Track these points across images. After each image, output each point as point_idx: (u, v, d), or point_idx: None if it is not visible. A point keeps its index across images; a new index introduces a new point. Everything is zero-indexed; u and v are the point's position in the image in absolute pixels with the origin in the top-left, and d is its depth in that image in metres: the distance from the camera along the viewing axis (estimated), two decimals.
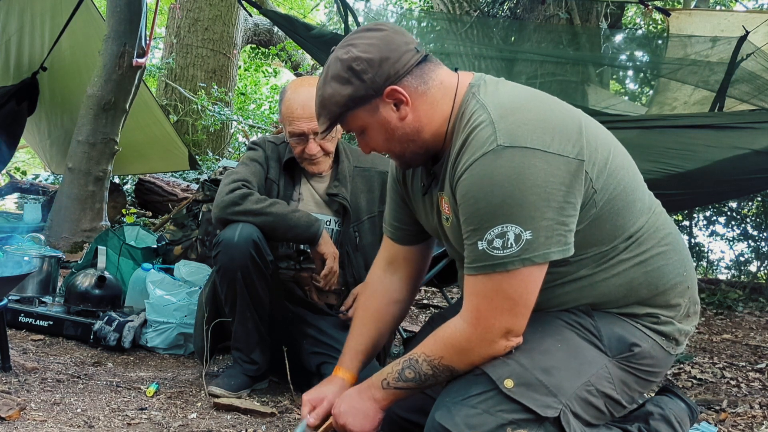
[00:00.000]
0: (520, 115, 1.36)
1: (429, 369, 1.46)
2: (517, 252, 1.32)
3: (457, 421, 1.36)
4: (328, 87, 1.46)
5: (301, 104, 2.14)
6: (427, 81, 1.46)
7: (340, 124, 1.51)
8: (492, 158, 1.33)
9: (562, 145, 1.34)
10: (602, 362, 1.45)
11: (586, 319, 1.47)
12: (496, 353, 1.40)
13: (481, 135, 1.36)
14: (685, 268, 1.54)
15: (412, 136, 1.48)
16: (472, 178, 1.35)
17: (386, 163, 2.42)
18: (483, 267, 1.36)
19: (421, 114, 1.46)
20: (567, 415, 1.38)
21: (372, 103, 1.45)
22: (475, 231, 1.35)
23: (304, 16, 12.80)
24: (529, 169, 1.31)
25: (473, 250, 1.37)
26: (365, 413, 1.53)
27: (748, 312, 4.50)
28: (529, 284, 1.37)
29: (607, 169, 1.42)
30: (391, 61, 1.43)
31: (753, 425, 2.09)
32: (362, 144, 1.56)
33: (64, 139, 5.65)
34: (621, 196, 1.44)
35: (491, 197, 1.32)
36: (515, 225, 1.31)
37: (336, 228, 2.30)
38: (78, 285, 2.78)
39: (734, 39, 3.77)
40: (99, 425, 1.76)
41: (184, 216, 3.50)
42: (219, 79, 8.97)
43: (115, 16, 4.61)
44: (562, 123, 1.37)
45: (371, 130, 1.49)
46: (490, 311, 1.38)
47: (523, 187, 1.31)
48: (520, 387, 1.37)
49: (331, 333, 2.21)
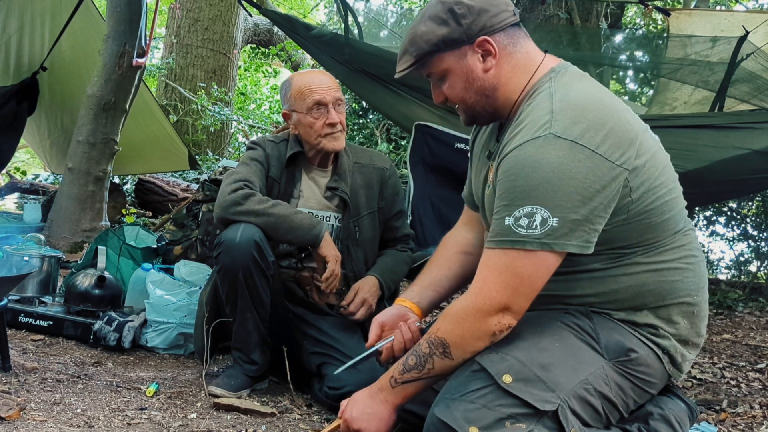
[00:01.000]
0: (580, 113, 1.39)
1: (426, 347, 1.47)
2: (540, 235, 1.35)
3: (456, 415, 1.37)
4: (422, 25, 1.50)
5: (314, 79, 2.25)
6: (516, 44, 1.52)
7: (422, 65, 1.53)
8: (542, 143, 1.37)
9: (611, 151, 1.37)
10: (599, 363, 1.46)
11: (585, 322, 1.48)
12: (487, 328, 1.41)
13: (537, 120, 1.40)
14: (697, 293, 1.54)
15: (489, 91, 1.52)
16: (517, 157, 1.39)
17: (384, 160, 2.43)
18: (503, 241, 1.39)
19: (502, 73, 1.51)
20: (565, 410, 1.38)
21: (462, 48, 1.49)
22: (506, 206, 1.39)
23: (304, 16, 12.80)
24: (573, 163, 1.35)
25: (499, 224, 1.40)
26: (379, 416, 1.54)
27: (748, 312, 4.50)
28: (540, 268, 1.39)
29: (651, 184, 1.44)
30: (490, 14, 1.48)
31: (753, 425, 2.09)
32: (436, 92, 1.59)
33: (64, 139, 5.65)
34: (655, 212, 1.46)
35: (530, 178, 1.36)
36: (545, 209, 1.35)
37: (336, 223, 2.30)
38: (78, 285, 2.78)
39: (734, 39, 3.77)
40: (99, 425, 1.76)
41: (184, 216, 3.50)
42: (219, 79, 8.97)
43: (115, 16, 4.61)
44: (618, 130, 1.40)
45: (453, 76, 1.53)
46: (495, 284, 1.40)
47: (563, 177, 1.34)
48: (519, 382, 1.38)
49: (332, 333, 2.21)
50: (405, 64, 1.56)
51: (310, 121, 2.22)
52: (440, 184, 3.94)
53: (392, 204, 2.40)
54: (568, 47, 5.04)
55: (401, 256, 2.43)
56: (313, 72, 2.35)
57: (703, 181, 3.45)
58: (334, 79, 2.30)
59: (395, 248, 2.44)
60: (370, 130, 6.94)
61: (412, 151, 4.05)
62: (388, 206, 2.39)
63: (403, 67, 1.57)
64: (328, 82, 2.25)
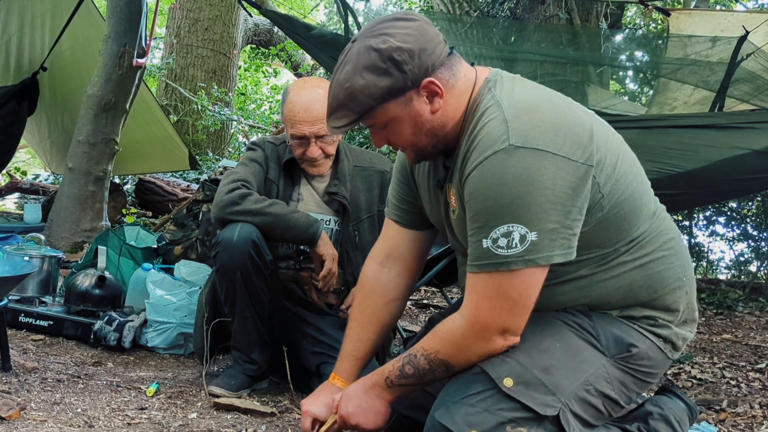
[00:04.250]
0: (534, 116, 1.35)
1: (426, 363, 1.46)
2: (521, 252, 1.32)
3: (457, 419, 1.37)
4: (360, 78, 1.38)
5: (304, 107, 2.14)
6: (455, 74, 1.45)
7: (365, 118, 1.44)
8: (503, 157, 1.32)
9: (573, 150, 1.34)
10: (600, 362, 1.45)
11: (584, 320, 1.48)
12: (493, 351, 1.41)
13: (493, 132, 1.35)
14: (685, 274, 1.54)
15: (438, 130, 1.45)
16: (481, 176, 1.34)
17: (385, 163, 2.42)
18: (485, 265, 1.36)
19: (449, 108, 1.44)
20: (566, 413, 1.38)
21: (407, 95, 1.40)
22: (481, 228, 1.35)
23: (304, 16, 12.79)
24: (539, 171, 1.31)
25: (477, 247, 1.37)
26: (376, 410, 1.54)
27: (748, 312, 4.50)
28: (529, 285, 1.37)
29: (615, 174, 1.42)
30: (428, 52, 1.39)
31: (753, 425, 2.09)
32: (378, 137, 1.50)
33: (64, 139, 5.65)
34: (628, 200, 1.44)
35: (500, 196, 1.32)
36: (521, 225, 1.31)
37: (336, 228, 2.30)
38: (78, 285, 2.78)
39: (734, 39, 3.76)
40: (99, 425, 1.76)
41: (184, 216, 3.50)
42: (219, 79, 8.97)
43: (115, 16, 4.61)
44: (575, 128, 1.37)
45: (398, 124, 1.44)
46: (488, 309, 1.38)
47: (532, 189, 1.30)
48: (520, 386, 1.37)
49: (331, 333, 2.21)
50: (343, 120, 1.44)
51: (294, 146, 2.22)
52: None
53: None
54: (568, 47, 5.04)
55: None
56: (307, 94, 2.16)
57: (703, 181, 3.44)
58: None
59: None
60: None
61: None
62: None
63: (341, 123, 1.44)
64: (314, 115, 2.12)
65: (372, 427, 1.55)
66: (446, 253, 2.46)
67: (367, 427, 1.55)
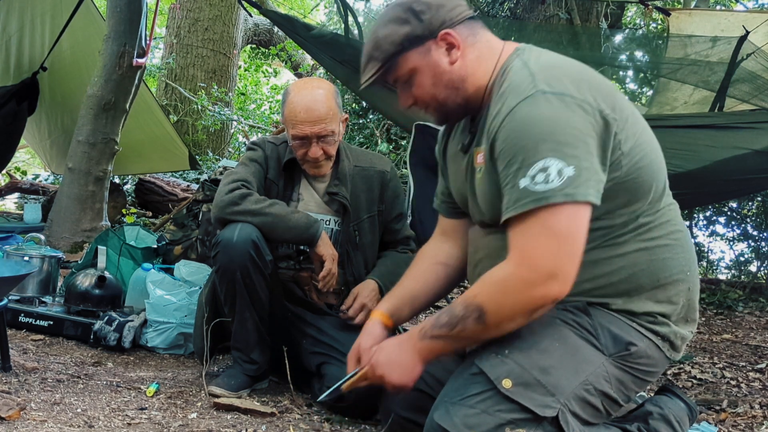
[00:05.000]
0: (560, 71, 1.43)
1: (461, 309, 1.41)
2: (560, 186, 1.33)
3: (456, 421, 1.36)
4: (384, 29, 1.53)
5: (305, 107, 2.13)
6: (476, 35, 1.55)
7: (388, 69, 1.55)
8: (532, 102, 1.38)
9: (597, 101, 1.39)
10: (599, 361, 1.45)
11: (584, 318, 1.48)
12: (531, 301, 1.35)
13: (521, 83, 1.42)
14: (689, 269, 1.54)
15: (458, 83, 1.54)
16: (513, 121, 1.39)
17: (385, 163, 2.42)
18: (526, 203, 1.34)
19: (468, 63, 1.53)
20: (565, 414, 1.38)
21: (425, 45, 1.51)
22: (518, 170, 1.36)
23: (304, 16, 12.79)
24: (569, 113, 1.36)
25: (514, 190, 1.36)
26: (404, 365, 1.50)
27: (748, 312, 4.50)
28: (574, 222, 1.35)
29: (636, 139, 1.45)
30: (447, 8, 1.52)
31: (753, 425, 2.09)
32: (405, 95, 1.59)
33: (64, 139, 5.65)
34: (644, 170, 1.46)
35: (534, 134, 1.35)
36: (557, 159, 1.33)
37: (336, 228, 2.30)
38: (78, 285, 2.78)
39: (734, 39, 3.77)
40: (99, 425, 1.76)
41: (184, 216, 3.50)
42: (219, 79, 8.97)
43: (115, 16, 4.61)
44: (599, 84, 1.44)
45: (420, 74, 1.54)
46: (535, 249, 1.35)
47: (565, 126, 1.35)
48: (519, 387, 1.37)
49: (331, 333, 2.21)
50: (371, 71, 1.56)
51: (295, 147, 2.21)
52: None
53: (392, 207, 2.39)
54: (568, 47, 5.04)
55: (401, 257, 2.42)
56: (308, 95, 2.16)
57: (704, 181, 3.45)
58: (329, 105, 2.15)
59: (396, 250, 2.44)
60: (370, 130, 6.94)
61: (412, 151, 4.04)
62: (388, 209, 2.38)
63: (369, 74, 1.57)
64: (316, 115, 2.12)
65: (396, 382, 1.50)
66: None
67: (390, 380, 1.50)
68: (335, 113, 2.17)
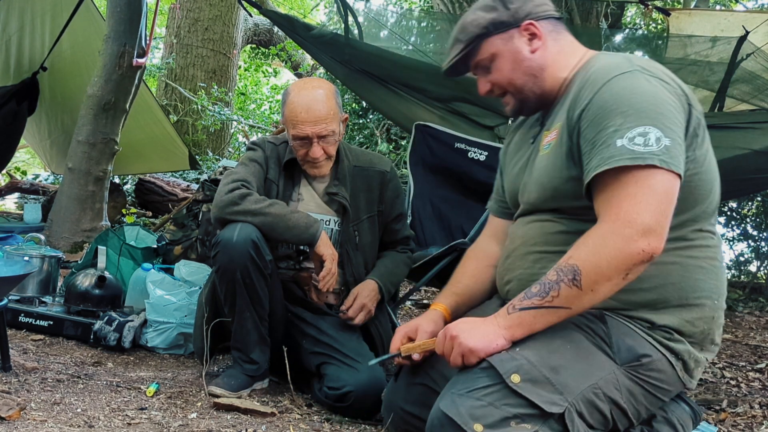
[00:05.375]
0: (655, 64, 1.49)
1: (554, 275, 1.38)
2: (658, 152, 1.34)
3: (462, 411, 1.36)
4: (471, 14, 1.62)
5: (306, 107, 2.14)
6: (560, 32, 1.62)
7: (471, 51, 1.62)
8: (632, 76, 1.43)
9: (688, 96, 1.46)
10: (611, 368, 1.44)
11: (599, 325, 1.46)
12: (629, 256, 1.32)
13: (618, 63, 1.47)
14: (717, 298, 1.53)
15: (536, 71, 1.60)
16: (611, 90, 1.42)
17: (385, 163, 2.42)
18: (622, 159, 1.35)
19: (549, 54, 1.60)
20: (572, 413, 1.37)
21: (509, 32, 1.59)
22: (615, 131, 1.37)
23: (304, 16, 12.79)
24: (666, 93, 1.41)
25: (609, 148, 1.37)
26: (484, 332, 1.43)
27: (748, 312, 4.50)
28: (669, 185, 1.35)
29: (706, 148, 1.50)
30: (535, 3, 1.61)
31: (753, 425, 2.09)
32: (483, 81, 1.66)
33: (64, 139, 5.65)
34: (703, 181, 1.50)
35: (635, 102, 1.38)
36: (657, 129, 1.35)
37: (336, 228, 2.30)
38: (78, 285, 2.78)
39: (734, 39, 3.76)
40: (99, 425, 1.76)
41: (184, 216, 3.50)
42: (219, 79, 8.97)
43: (115, 16, 4.61)
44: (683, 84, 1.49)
45: (500, 59, 1.60)
46: (633, 205, 1.33)
47: (665, 103, 1.39)
48: (527, 382, 1.37)
49: (331, 333, 2.21)
50: (455, 52, 1.64)
51: (294, 146, 2.21)
52: (440, 184, 3.93)
53: (392, 207, 2.39)
54: None
55: (401, 257, 2.42)
56: (308, 95, 2.16)
57: None
58: (330, 105, 2.15)
59: (395, 249, 2.44)
60: (370, 130, 6.94)
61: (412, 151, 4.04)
62: (388, 209, 2.38)
63: (452, 55, 1.64)
64: (316, 115, 2.12)
65: (472, 346, 1.42)
66: (446, 253, 2.46)
67: (467, 344, 1.43)
68: (336, 113, 2.17)
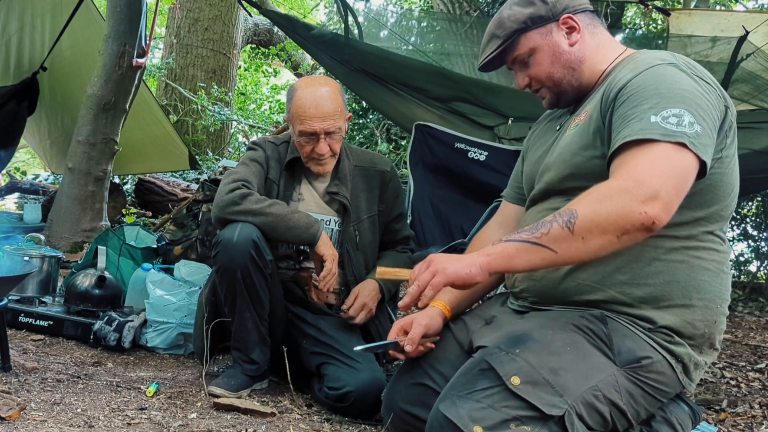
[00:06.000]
0: (697, 65, 1.50)
1: (551, 216, 1.34)
2: (689, 134, 1.35)
3: (462, 413, 1.36)
4: (509, 9, 1.62)
5: (314, 103, 2.14)
6: (597, 26, 1.64)
7: (509, 46, 1.62)
8: (674, 68, 1.44)
9: (725, 97, 1.48)
10: (611, 370, 1.44)
11: (599, 327, 1.47)
12: (631, 215, 1.28)
13: (661, 56, 1.49)
14: (721, 303, 1.54)
15: (575, 63, 1.61)
16: (653, 74, 1.44)
17: (386, 163, 2.42)
18: (653, 132, 1.35)
19: (587, 47, 1.61)
20: (572, 415, 1.37)
21: (547, 26, 1.60)
22: (650, 108, 1.38)
23: (304, 16, 12.79)
24: (703, 90, 1.43)
25: (642, 122, 1.37)
26: (461, 258, 1.39)
27: (748, 312, 4.50)
28: (689, 166, 1.35)
29: (733, 150, 1.51)
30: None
31: (753, 425, 2.09)
32: (522, 75, 1.66)
33: (64, 139, 5.65)
34: (725, 182, 1.50)
35: (674, 89, 1.40)
36: (690, 114, 1.36)
37: (336, 228, 2.30)
38: (78, 285, 2.78)
39: (734, 39, 3.76)
40: (99, 425, 1.76)
41: (184, 216, 3.50)
42: (219, 79, 8.97)
43: (115, 16, 4.61)
44: (720, 87, 1.50)
45: (540, 53, 1.61)
46: (648, 169, 1.32)
47: (703, 97, 1.40)
48: (527, 385, 1.37)
49: (331, 333, 2.21)
50: (491, 48, 1.64)
51: (300, 143, 2.21)
52: (440, 184, 3.93)
53: (392, 207, 2.39)
54: None
55: (401, 257, 2.42)
56: (316, 91, 2.16)
57: None
58: (337, 102, 2.16)
59: (395, 249, 2.44)
60: (370, 130, 6.94)
61: (412, 151, 4.04)
62: (388, 209, 2.38)
63: (490, 50, 1.64)
64: (324, 111, 2.13)
65: (445, 266, 1.37)
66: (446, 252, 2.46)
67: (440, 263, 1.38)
68: (342, 110, 2.18)
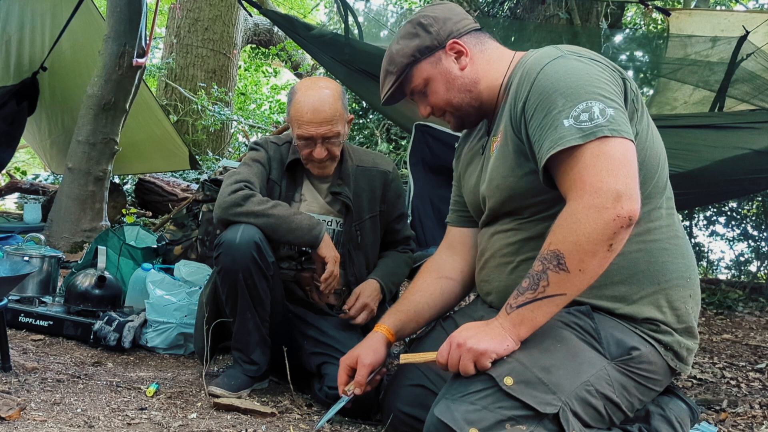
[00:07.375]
0: (581, 48, 1.52)
1: (539, 265, 1.36)
2: (605, 123, 1.35)
3: (457, 416, 1.37)
4: (396, 44, 1.67)
5: (311, 108, 2.13)
6: (484, 43, 1.66)
7: (404, 80, 1.67)
8: (563, 59, 1.46)
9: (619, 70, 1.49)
10: (601, 364, 1.45)
11: (586, 321, 1.48)
12: (609, 225, 1.29)
13: (547, 53, 1.49)
14: (689, 275, 1.54)
15: (470, 85, 1.63)
16: (546, 75, 1.44)
17: (388, 163, 2.42)
18: (572, 139, 1.35)
19: (478, 67, 1.64)
20: (566, 412, 1.38)
21: (435, 55, 1.63)
22: (560, 113, 1.38)
23: (304, 16, 12.80)
24: (600, 69, 1.45)
25: (557, 130, 1.37)
26: (492, 334, 1.40)
27: (748, 312, 4.50)
28: (626, 150, 1.35)
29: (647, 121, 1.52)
30: (454, 21, 1.65)
31: (753, 425, 2.09)
32: (423, 105, 1.70)
33: (64, 139, 5.66)
34: (649, 156, 1.50)
35: (571, 81, 1.41)
36: (598, 101, 1.37)
37: (338, 228, 2.30)
38: (78, 285, 2.78)
39: (734, 39, 3.77)
40: (99, 425, 1.76)
41: (184, 216, 3.50)
42: (219, 79, 8.98)
43: (115, 16, 4.61)
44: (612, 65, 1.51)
45: (434, 82, 1.65)
46: (594, 175, 1.32)
47: (600, 78, 1.42)
48: (520, 384, 1.38)
49: (332, 333, 2.21)
50: (388, 84, 1.69)
51: (299, 146, 2.21)
52: (440, 184, 3.94)
53: (394, 207, 2.39)
54: None
55: (402, 257, 2.42)
56: (315, 95, 2.15)
57: (704, 181, 3.45)
58: (336, 106, 2.14)
59: (396, 249, 2.44)
60: (370, 130, 6.94)
61: (412, 151, 4.05)
62: (389, 209, 2.38)
63: (387, 86, 1.69)
64: (322, 116, 2.12)
65: (484, 348, 1.39)
66: None
67: (478, 348, 1.39)
68: (341, 114, 2.17)
